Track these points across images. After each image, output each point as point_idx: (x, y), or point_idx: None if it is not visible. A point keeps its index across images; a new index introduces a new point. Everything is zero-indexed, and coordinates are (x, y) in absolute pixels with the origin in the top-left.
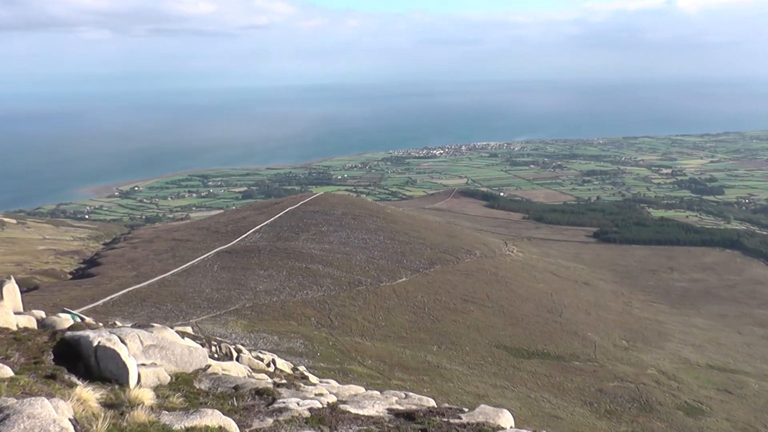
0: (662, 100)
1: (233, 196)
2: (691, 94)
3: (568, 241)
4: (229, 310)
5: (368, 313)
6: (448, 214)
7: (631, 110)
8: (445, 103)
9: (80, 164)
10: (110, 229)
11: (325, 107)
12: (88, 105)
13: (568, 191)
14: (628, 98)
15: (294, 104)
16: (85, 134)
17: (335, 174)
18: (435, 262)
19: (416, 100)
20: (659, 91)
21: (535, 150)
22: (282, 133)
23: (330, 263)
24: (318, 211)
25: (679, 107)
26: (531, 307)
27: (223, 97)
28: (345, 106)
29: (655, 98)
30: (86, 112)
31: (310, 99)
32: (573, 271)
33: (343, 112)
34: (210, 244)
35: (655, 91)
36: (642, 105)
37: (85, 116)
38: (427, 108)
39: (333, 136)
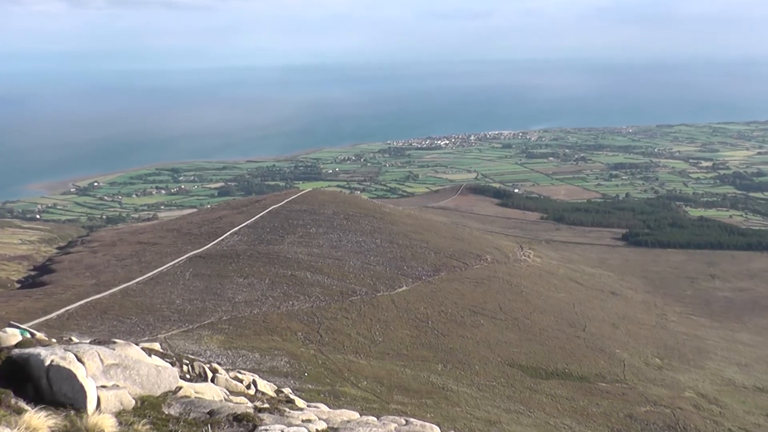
0: (702, 83)
1: (208, 193)
2: (736, 75)
3: (593, 244)
4: (203, 323)
5: (363, 328)
6: (454, 214)
7: (665, 94)
8: (451, 86)
9: (30, 156)
10: (65, 230)
11: (314, 91)
12: (39, 87)
13: (593, 187)
14: (663, 80)
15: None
16: (36, 121)
17: (325, 168)
18: (440, 268)
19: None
20: (698, 72)
21: (555, 140)
22: (264, 120)
23: (319, 270)
24: (305, 210)
25: (722, 90)
26: (550, 320)
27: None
28: (336, 90)
29: (694, 80)
30: (36, 96)
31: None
32: (598, 278)
33: (335, 96)
34: (181, 248)
35: (694, 72)
36: (678, 88)
37: (35, 100)
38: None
39: (323, 124)
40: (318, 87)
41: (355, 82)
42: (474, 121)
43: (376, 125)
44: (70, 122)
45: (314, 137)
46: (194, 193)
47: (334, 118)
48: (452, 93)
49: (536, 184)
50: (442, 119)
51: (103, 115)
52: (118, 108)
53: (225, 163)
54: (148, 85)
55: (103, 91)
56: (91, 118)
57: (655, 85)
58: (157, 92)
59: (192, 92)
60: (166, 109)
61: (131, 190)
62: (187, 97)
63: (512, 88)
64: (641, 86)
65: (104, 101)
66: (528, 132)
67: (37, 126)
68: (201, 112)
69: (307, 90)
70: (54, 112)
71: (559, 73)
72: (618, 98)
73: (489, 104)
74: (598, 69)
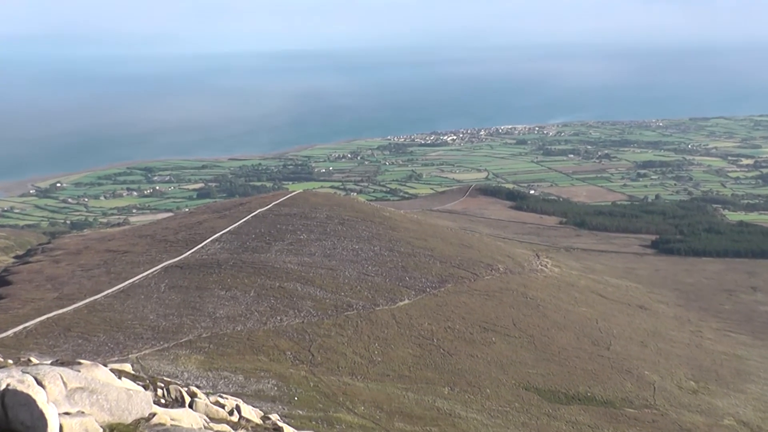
0: (742, 70)
1: (186, 195)
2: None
3: (619, 252)
4: (180, 341)
5: (360, 346)
6: (462, 218)
7: (701, 83)
8: (459, 75)
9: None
10: (24, 237)
11: (306, 80)
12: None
13: (618, 188)
14: (698, 67)
15: (265, 76)
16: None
17: (318, 166)
18: (446, 279)
19: (422, 71)
20: (739, 57)
21: (575, 135)
22: (249, 113)
23: (311, 281)
24: (295, 214)
25: (765, 78)
26: (570, 338)
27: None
28: (331, 79)
29: (733, 67)
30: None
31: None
32: (624, 291)
33: (329, 85)
34: (155, 256)
35: (734, 58)
36: (716, 76)
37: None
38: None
39: (315, 117)
40: (310, 75)
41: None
42: (485, 114)
43: (374, 118)
44: (29, 115)
45: (305, 132)
46: (170, 194)
47: (328, 111)
48: (460, 82)
49: (554, 185)
50: (449, 112)
51: (67, 107)
52: (84, 99)
53: (205, 161)
54: (118, 72)
55: (67, 80)
56: (53, 111)
57: (690, 72)
58: (129, 81)
59: (169, 81)
60: (140, 100)
61: (99, 192)
62: (163, 87)
63: (527, 76)
64: (674, 74)
65: (68, 91)
66: (545, 126)
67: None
68: (179, 104)
69: (298, 79)
70: (12, 103)
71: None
72: (647, 88)
73: (501, 95)
74: (624, 54)
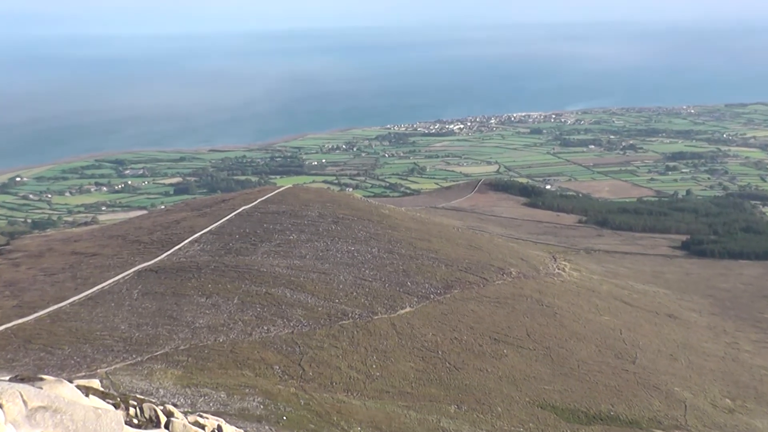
0: None
1: (161, 191)
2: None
3: (645, 254)
4: (154, 354)
5: (356, 359)
6: (471, 216)
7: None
8: (467, 57)
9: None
10: None
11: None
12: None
13: (645, 183)
14: (735, 48)
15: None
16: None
17: (309, 159)
18: (452, 284)
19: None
20: None
21: (597, 124)
22: (232, 99)
23: (301, 287)
24: (284, 212)
25: None
26: (591, 350)
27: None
28: (322, 61)
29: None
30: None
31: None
32: (652, 297)
33: (320, 68)
34: (127, 259)
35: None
36: (756, 57)
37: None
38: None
39: (306, 104)
40: (301, 57)
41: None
42: (495, 100)
43: (372, 105)
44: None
45: (295, 120)
46: (144, 190)
47: (320, 97)
48: (469, 65)
49: (573, 179)
50: (455, 98)
51: (28, 93)
52: (48, 84)
53: (183, 152)
54: (87, 54)
55: (29, 63)
56: (11, 96)
57: (726, 53)
58: (99, 64)
59: (143, 64)
60: (110, 85)
61: (64, 187)
62: (135, 70)
63: (544, 58)
64: (708, 55)
65: (31, 75)
66: (563, 114)
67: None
68: (153, 89)
69: (286, 61)
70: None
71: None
72: (677, 70)
73: (514, 79)
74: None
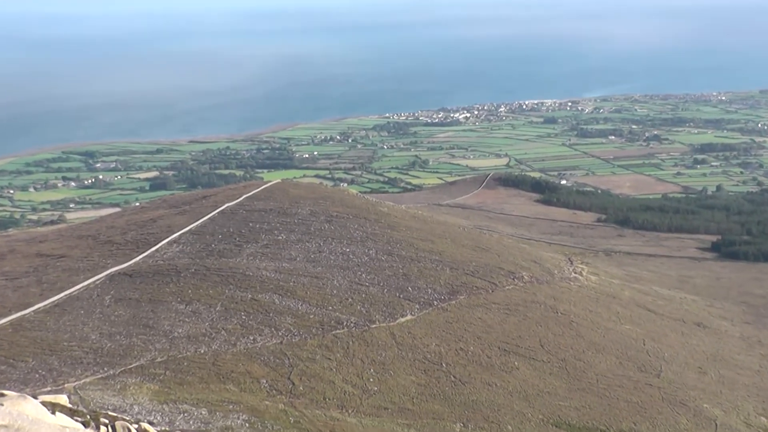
0: None
1: (136, 186)
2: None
3: (671, 256)
4: (128, 367)
5: (351, 372)
6: (478, 215)
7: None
8: (474, 38)
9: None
10: None
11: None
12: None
13: (671, 177)
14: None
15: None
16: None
17: (299, 151)
18: (458, 290)
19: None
20: None
21: (617, 112)
22: (215, 84)
23: (291, 292)
24: (272, 209)
25: None
26: (611, 363)
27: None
28: (315, 42)
29: None
30: None
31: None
32: (678, 304)
33: (313, 51)
34: (98, 262)
35: None
36: None
37: None
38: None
39: (296, 90)
40: (290, 38)
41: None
42: (505, 86)
43: (369, 92)
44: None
45: (284, 108)
46: (117, 185)
47: (312, 82)
48: (476, 47)
49: (591, 174)
50: (462, 83)
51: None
52: (7, 66)
53: (160, 144)
54: (52, 34)
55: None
56: None
57: (764, 33)
58: (67, 45)
59: (117, 45)
60: (80, 68)
61: (27, 182)
62: (108, 52)
63: (559, 40)
64: (742, 35)
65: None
66: (580, 101)
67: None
68: (128, 73)
69: (275, 43)
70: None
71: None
72: (707, 53)
73: (526, 62)
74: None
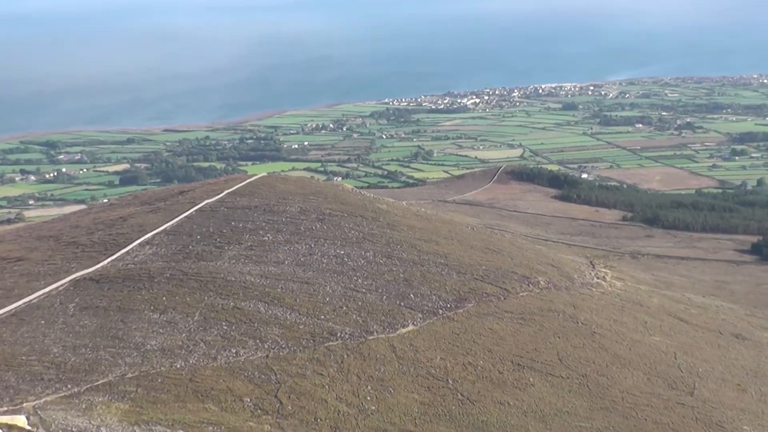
0: None
1: (104, 180)
2: None
3: (705, 259)
4: (95, 384)
5: (346, 389)
6: (488, 212)
7: None
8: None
9: None
10: None
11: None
12: None
13: (706, 171)
14: None
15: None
16: None
17: (288, 141)
18: (466, 297)
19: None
20: None
21: (646, 97)
22: (194, 66)
23: (278, 300)
24: (257, 206)
25: None
26: (638, 379)
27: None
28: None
29: None
30: None
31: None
32: (714, 313)
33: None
34: (61, 266)
35: None
36: None
37: None
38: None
39: (285, 73)
40: (278, 15)
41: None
42: (520, 68)
43: (366, 75)
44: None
45: (271, 93)
46: (82, 179)
47: (303, 64)
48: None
49: (615, 166)
50: (470, 65)
51: None
52: None
53: (131, 133)
54: (5, 9)
55: None
56: None
57: None
58: (22, 21)
59: (81, 21)
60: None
61: None
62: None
63: (580, 15)
64: None
65: None
66: (603, 85)
67: None
68: (94, 54)
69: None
70: None
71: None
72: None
73: (542, 41)
74: None
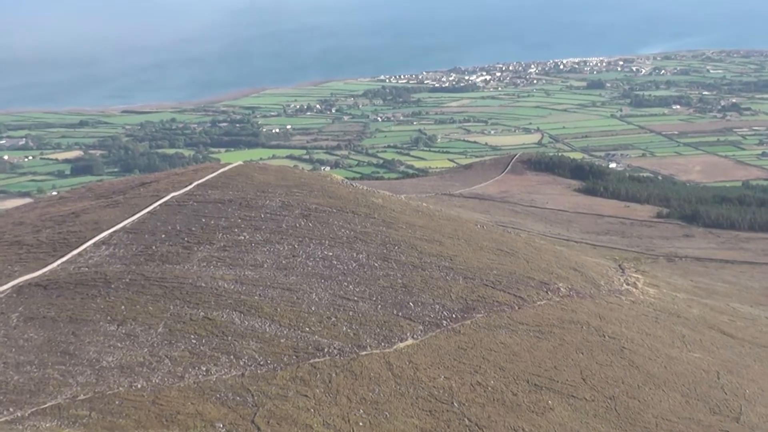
0: None
1: (53, 170)
2: None
3: (754, 263)
4: (42, 407)
5: (335, 413)
6: (501, 208)
7: None
8: None
9: None
10: None
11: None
12: None
13: (754, 160)
14: None
15: None
16: None
17: (268, 124)
18: (474, 306)
19: None
20: None
21: (684, 74)
22: (158, 37)
23: (256, 309)
24: (231, 200)
25: None
26: (675, 401)
27: None
28: None
29: None
30: None
31: None
32: (763, 326)
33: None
34: (2, 269)
35: None
36: None
37: None
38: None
39: (263, 45)
40: None
41: None
42: (537, 40)
43: (359, 47)
44: None
45: (248, 69)
46: (27, 168)
47: (285, 35)
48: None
49: (649, 154)
50: (480, 36)
51: None
52: None
53: (84, 114)
54: None
55: None
56: None
57: None
58: None
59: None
60: None
61: None
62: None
63: None
64: None
65: None
66: (634, 59)
67: None
68: (41, 20)
69: None
70: None
71: None
72: None
73: (562, 9)
74: None
